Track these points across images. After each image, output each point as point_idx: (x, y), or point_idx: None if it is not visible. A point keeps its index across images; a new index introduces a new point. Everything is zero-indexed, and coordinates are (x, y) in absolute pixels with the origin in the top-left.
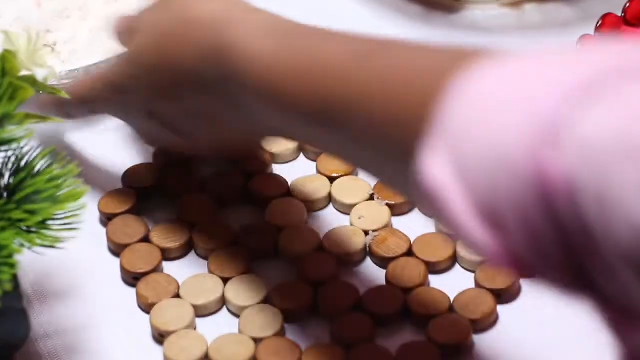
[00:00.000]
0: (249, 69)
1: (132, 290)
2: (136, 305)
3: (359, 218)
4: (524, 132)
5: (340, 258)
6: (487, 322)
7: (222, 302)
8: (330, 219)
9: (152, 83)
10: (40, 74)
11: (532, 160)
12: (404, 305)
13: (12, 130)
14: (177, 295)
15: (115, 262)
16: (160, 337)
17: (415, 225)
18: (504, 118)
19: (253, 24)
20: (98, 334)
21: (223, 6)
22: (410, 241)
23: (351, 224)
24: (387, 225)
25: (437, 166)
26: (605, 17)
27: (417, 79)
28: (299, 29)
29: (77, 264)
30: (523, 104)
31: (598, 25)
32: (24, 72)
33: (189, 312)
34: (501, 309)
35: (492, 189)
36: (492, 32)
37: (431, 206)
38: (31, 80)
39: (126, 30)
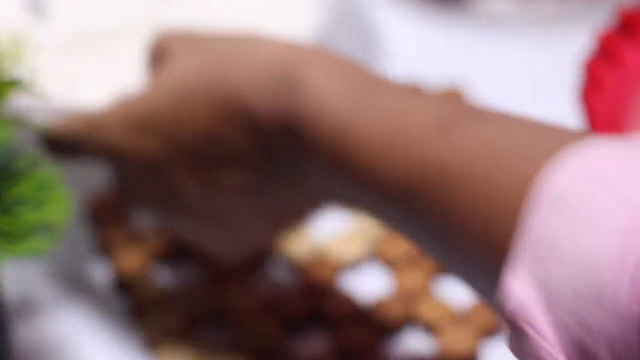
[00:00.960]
0: (321, 124)
1: (121, 300)
2: (125, 315)
3: (360, 220)
4: (623, 252)
5: (340, 264)
6: (496, 328)
7: (219, 308)
8: (329, 221)
9: (181, 123)
10: (23, 75)
11: (634, 290)
12: (407, 313)
13: None
14: (171, 300)
15: (103, 269)
16: (153, 344)
17: None
18: (598, 231)
19: (334, 80)
20: (85, 347)
21: (299, 46)
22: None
23: (351, 226)
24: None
25: (519, 285)
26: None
27: (508, 166)
28: (377, 84)
29: (61, 273)
30: (621, 215)
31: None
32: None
33: (184, 318)
34: None
35: (582, 320)
36: (501, 24)
37: (512, 333)
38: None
39: (159, 51)
